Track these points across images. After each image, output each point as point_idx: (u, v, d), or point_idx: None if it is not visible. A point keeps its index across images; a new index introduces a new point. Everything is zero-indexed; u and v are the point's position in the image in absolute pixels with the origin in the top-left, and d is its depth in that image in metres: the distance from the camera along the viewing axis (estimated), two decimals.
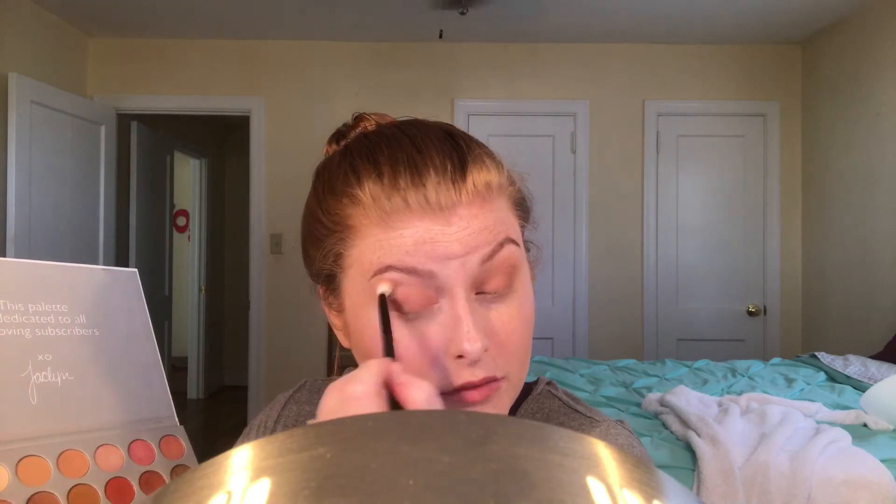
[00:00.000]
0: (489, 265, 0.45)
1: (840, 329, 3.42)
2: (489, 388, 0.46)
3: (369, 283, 0.45)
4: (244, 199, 4.14)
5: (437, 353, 0.45)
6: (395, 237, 0.44)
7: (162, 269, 4.58)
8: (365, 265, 0.46)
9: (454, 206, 0.45)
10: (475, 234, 0.45)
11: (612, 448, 0.20)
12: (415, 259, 0.44)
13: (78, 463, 0.44)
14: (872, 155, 3.17)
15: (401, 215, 0.44)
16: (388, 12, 3.38)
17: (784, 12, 3.34)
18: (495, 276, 0.46)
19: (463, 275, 0.44)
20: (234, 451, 0.20)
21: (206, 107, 3.87)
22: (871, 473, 1.51)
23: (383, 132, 0.49)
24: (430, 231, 0.44)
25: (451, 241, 0.44)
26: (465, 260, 0.44)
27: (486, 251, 0.45)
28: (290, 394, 0.64)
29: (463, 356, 0.44)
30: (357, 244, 0.46)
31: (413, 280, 0.44)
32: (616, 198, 3.80)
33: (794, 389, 2.33)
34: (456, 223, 0.44)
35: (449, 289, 0.44)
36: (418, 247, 0.44)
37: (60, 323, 0.48)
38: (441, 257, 0.44)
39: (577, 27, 3.59)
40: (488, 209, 0.46)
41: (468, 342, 0.43)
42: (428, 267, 0.44)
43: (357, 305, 0.47)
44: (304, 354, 3.79)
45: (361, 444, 0.19)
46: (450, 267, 0.44)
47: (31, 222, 3.14)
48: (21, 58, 3.20)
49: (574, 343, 3.79)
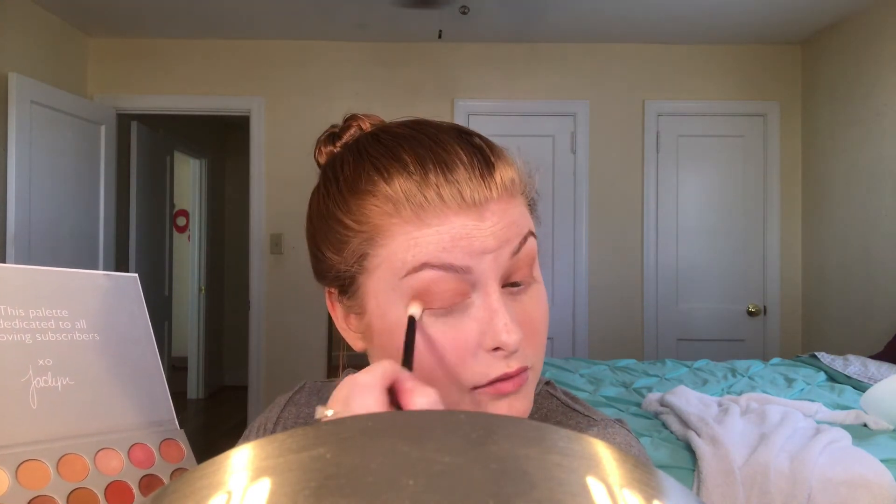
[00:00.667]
0: (517, 258, 0.46)
1: (840, 329, 3.42)
2: (521, 379, 0.47)
3: (401, 283, 0.45)
4: (244, 199, 4.14)
5: (472, 346, 0.45)
6: (430, 234, 0.44)
7: (162, 269, 4.58)
8: (397, 264, 0.45)
9: (487, 202, 0.45)
10: (506, 229, 0.46)
11: (612, 448, 0.20)
12: (452, 255, 0.44)
13: (78, 467, 0.45)
14: (872, 155, 3.17)
15: (436, 211, 0.44)
16: (388, 12, 3.38)
17: (784, 12, 3.34)
18: (521, 268, 0.47)
19: (495, 268, 0.45)
20: (234, 451, 0.20)
21: (206, 107, 3.87)
22: (871, 473, 1.51)
23: (394, 132, 0.49)
24: (465, 227, 0.44)
25: (487, 237, 0.45)
26: (497, 254, 0.45)
27: (515, 244, 0.46)
28: (290, 395, 0.64)
29: (500, 348, 0.45)
30: (386, 243, 0.45)
31: (448, 276, 0.44)
32: (616, 198, 3.80)
33: (794, 389, 2.33)
34: (489, 218, 0.45)
35: (483, 283, 0.45)
36: (455, 242, 0.44)
37: (61, 328, 0.48)
38: (477, 252, 0.45)
39: (577, 27, 3.59)
40: (514, 204, 0.47)
41: (506, 334, 0.44)
42: (465, 262, 0.44)
43: (385, 306, 0.47)
44: (304, 354, 3.79)
45: (361, 444, 0.19)
46: (484, 261, 0.45)
47: (31, 222, 3.14)
48: (21, 58, 3.20)
49: (574, 343, 3.79)
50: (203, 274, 5.50)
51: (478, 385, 0.46)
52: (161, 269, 4.56)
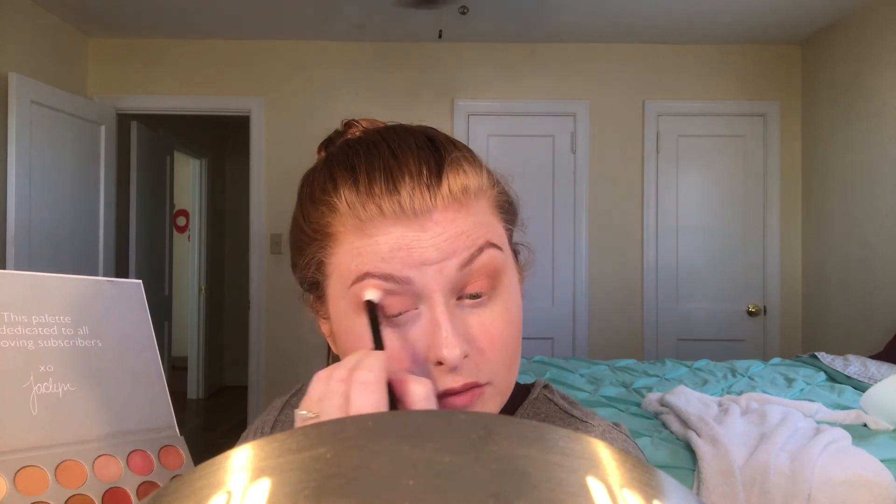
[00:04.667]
0: (468, 270, 0.45)
1: (840, 329, 3.42)
2: (472, 395, 0.46)
3: (349, 291, 0.45)
4: (244, 199, 4.14)
5: (419, 358, 0.45)
6: (370, 244, 0.44)
7: (162, 269, 4.58)
8: (344, 273, 0.46)
9: (429, 212, 0.44)
10: (452, 240, 0.44)
11: (611, 448, 0.20)
12: (391, 266, 0.44)
13: (76, 473, 0.45)
14: (872, 155, 3.17)
15: (375, 222, 0.44)
16: (388, 12, 3.38)
17: (784, 12, 3.34)
18: (476, 280, 0.46)
19: (440, 281, 0.44)
20: (234, 451, 0.20)
21: (206, 107, 3.87)
22: (871, 473, 1.51)
23: (364, 139, 0.49)
24: (404, 238, 0.44)
25: (427, 248, 0.44)
26: (441, 266, 0.44)
27: (464, 256, 0.45)
28: (287, 398, 0.64)
29: (442, 363, 0.44)
30: (336, 252, 0.46)
31: (391, 286, 0.44)
32: (616, 198, 3.80)
33: (794, 389, 2.33)
34: (431, 228, 0.44)
35: (427, 295, 0.44)
36: (394, 253, 0.44)
37: (63, 334, 0.48)
38: (417, 263, 0.44)
39: (577, 27, 3.59)
40: (466, 213, 0.46)
41: (446, 349, 0.43)
42: (404, 273, 0.44)
43: (340, 313, 0.48)
44: (304, 354, 3.79)
45: (361, 444, 0.19)
46: (427, 273, 0.44)
47: (31, 222, 3.14)
48: (21, 58, 3.20)
49: (574, 343, 3.79)
50: (203, 274, 5.50)
51: None
52: (161, 269, 4.56)
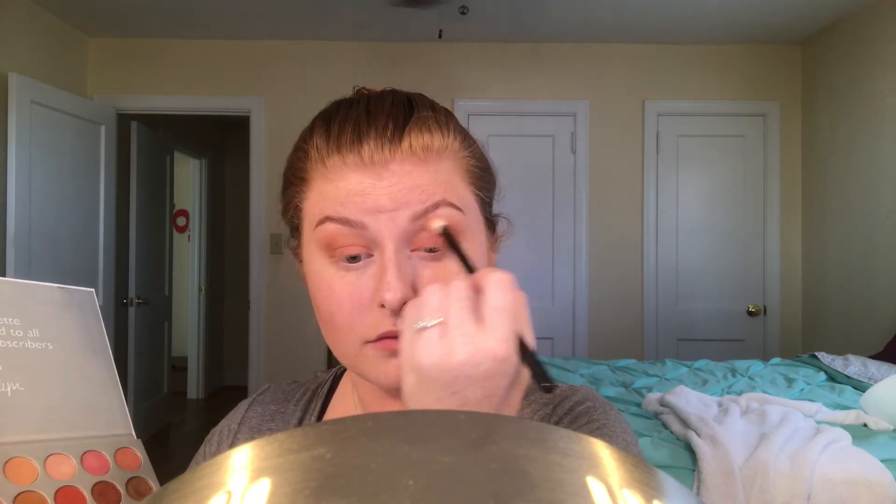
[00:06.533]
0: (421, 223, 0.47)
1: (840, 329, 3.42)
2: None
3: (314, 233, 0.49)
4: (244, 199, 4.14)
5: (366, 301, 0.48)
6: (332, 189, 0.48)
7: (162, 269, 4.58)
8: (311, 216, 0.50)
9: (386, 163, 0.47)
10: (406, 191, 0.47)
11: (612, 448, 0.20)
12: (347, 209, 0.47)
13: (26, 470, 0.44)
14: (872, 155, 3.17)
15: (338, 169, 0.48)
16: (388, 12, 3.38)
17: (784, 12, 3.34)
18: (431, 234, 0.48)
19: (392, 229, 0.47)
20: (234, 451, 0.20)
21: (206, 107, 3.87)
22: (871, 473, 1.51)
23: (351, 98, 0.53)
24: (361, 183, 0.47)
25: (381, 195, 0.47)
26: (394, 215, 0.47)
27: (417, 209, 0.47)
28: (254, 397, 0.66)
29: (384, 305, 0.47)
30: (308, 196, 0.51)
31: (346, 230, 0.47)
32: (616, 198, 3.80)
33: (794, 389, 2.33)
34: (387, 178, 0.47)
35: (379, 241, 0.47)
36: (350, 198, 0.47)
37: (11, 335, 0.48)
38: (371, 210, 0.47)
39: (577, 27, 3.59)
40: (424, 170, 0.48)
41: (388, 291, 0.46)
42: (359, 218, 0.47)
43: (308, 254, 0.51)
44: (304, 354, 3.79)
45: (361, 444, 0.19)
46: (380, 220, 0.47)
47: (31, 222, 3.14)
48: (21, 58, 3.20)
49: (574, 343, 3.79)
50: (203, 274, 5.50)
51: (368, 339, 0.48)
52: (161, 269, 4.56)
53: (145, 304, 4.08)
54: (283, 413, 0.63)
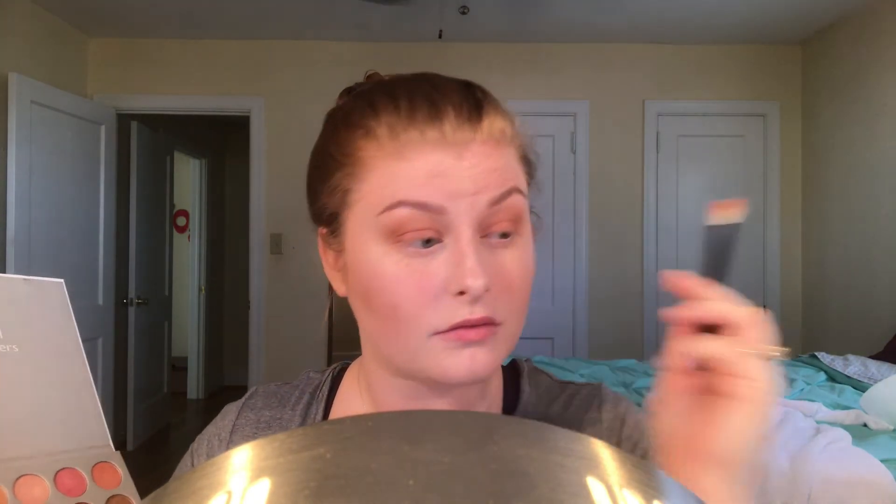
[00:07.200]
0: (497, 209, 0.46)
1: (840, 329, 3.41)
2: (487, 331, 0.46)
3: (377, 220, 0.45)
4: (244, 199, 4.14)
5: (437, 290, 0.45)
6: (407, 168, 0.45)
7: (162, 269, 4.58)
8: (375, 200, 0.46)
9: (468, 143, 0.45)
10: (486, 174, 0.45)
11: (612, 448, 0.20)
12: (426, 192, 0.44)
13: None
14: (872, 155, 3.17)
15: (415, 146, 0.45)
16: (388, 12, 3.38)
17: (784, 12, 3.34)
18: (501, 221, 0.46)
19: (471, 214, 0.45)
20: (234, 451, 0.20)
21: (206, 107, 3.87)
22: (871, 473, 1.51)
23: (401, 77, 0.50)
24: (442, 163, 0.44)
25: (463, 178, 0.45)
26: (474, 200, 0.45)
27: (495, 194, 0.45)
28: (243, 401, 0.61)
29: (464, 292, 0.44)
30: (367, 178, 0.46)
31: (422, 216, 0.44)
32: (616, 198, 3.80)
33: (794, 389, 2.33)
34: (469, 159, 0.45)
35: (456, 227, 0.45)
36: (430, 180, 0.44)
37: None
38: (452, 194, 0.44)
39: (577, 27, 3.59)
40: (500, 154, 0.47)
41: (471, 278, 0.43)
42: (439, 202, 0.44)
43: (360, 242, 0.47)
44: (304, 354, 3.79)
45: (361, 444, 0.19)
46: (460, 205, 0.44)
47: (31, 222, 3.14)
48: (21, 58, 3.20)
49: (574, 343, 3.79)
50: (203, 274, 5.50)
51: (438, 330, 0.45)
52: (161, 269, 4.56)
53: (145, 304, 4.08)
54: (279, 419, 0.58)
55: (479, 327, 0.45)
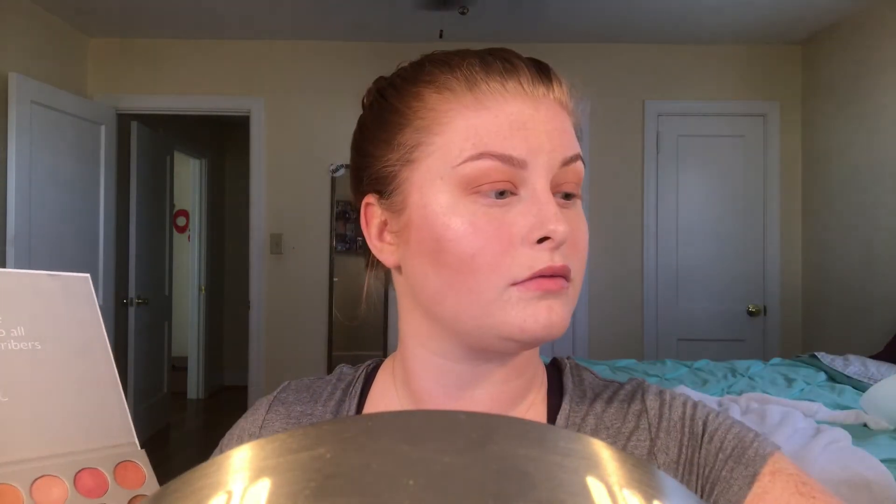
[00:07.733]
0: (566, 169, 0.47)
1: (840, 329, 3.42)
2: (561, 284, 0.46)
3: (454, 171, 0.45)
4: (244, 199, 4.14)
5: (517, 239, 0.45)
6: (489, 118, 0.45)
7: (162, 269, 4.58)
8: (453, 152, 0.46)
9: (544, 97, 0.47)
10: (559, 133, 0.47)
11: (612, 448, 0.20)
12: (511, 145, 0.45)
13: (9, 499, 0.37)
14: (872, 155, 3.17)
15: (495, 95, 0.46)
16: (388, 12, 3.39)
17: (784, 12, 3.34)
18: (569, 182, 0.48)
19: (548, 168, 0.46)
20: (234, 451, 0.20)
21: (206, 107, 3.87)
22: (871, 473, 1.51)
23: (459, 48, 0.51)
24: (522, 113, 0.46)
25: (540, 132, 0.46)
26: (551, 156, 0.46)
27: (567, 154, 0.47)
28: (275, 395, 0.60)
29: (547, 238, 0.44)
30: (442, 131, 0.47)
31: (504, 168, 0.45)
32: (616, 198, 3.80)
33: (794, 389, 2.33)
34: (544, 112, 0.47)
35: (533, 180, 0.45)
36: (514, 132, 0.45)
37: None
38: (533, 148, 0.45)
39: (577, 27, 3.59)
40: (565, 117, 0.49)
41: (556, 223, 0.44)
42: (522, 156, 0.45)
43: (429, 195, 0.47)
44: (304, 354, 3.79)
45: (361, 444, 0.19)
46: (538, 159, 0.46)
47: (31, 222, 3.14)
48: (21, 58, 3.20)
49: (574, 343, 3.79)
50: (203, 274, 5.51)
51: (517, 280, 0.44)
52: (161, 269, 4.56)
53: (145, 304, 4.08)
54: (311, 415, 0.57)
55: (558, 278, 0.45)
